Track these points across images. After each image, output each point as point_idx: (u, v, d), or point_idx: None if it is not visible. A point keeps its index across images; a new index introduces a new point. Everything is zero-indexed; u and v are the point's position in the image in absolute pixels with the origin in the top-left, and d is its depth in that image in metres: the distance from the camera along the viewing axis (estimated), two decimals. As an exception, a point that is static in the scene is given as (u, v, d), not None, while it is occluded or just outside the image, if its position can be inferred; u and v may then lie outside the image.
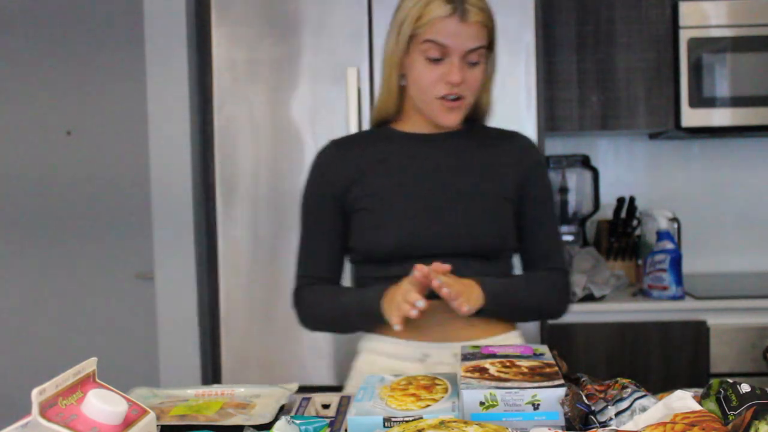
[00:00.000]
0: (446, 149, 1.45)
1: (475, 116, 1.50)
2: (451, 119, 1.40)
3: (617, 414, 0.94)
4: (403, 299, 1.25)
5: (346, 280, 1.54)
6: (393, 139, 1.47)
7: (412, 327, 1.36)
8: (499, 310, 1.38)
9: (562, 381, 0.97)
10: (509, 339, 1.44)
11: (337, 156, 1.48)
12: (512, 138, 1.50)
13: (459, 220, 1.38)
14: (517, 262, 1.53)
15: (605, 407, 0.95)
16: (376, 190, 1.42)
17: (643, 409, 0.92)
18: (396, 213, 1.39)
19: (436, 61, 1.36)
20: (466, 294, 1.28)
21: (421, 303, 1.23)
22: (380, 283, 1.38)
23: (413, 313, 1.23)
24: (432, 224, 1.38)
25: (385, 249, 1.39)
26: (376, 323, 1.39)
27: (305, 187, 1.51)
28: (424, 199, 1.40)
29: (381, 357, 1.43)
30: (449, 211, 1.39)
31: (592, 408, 0.96)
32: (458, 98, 1.38)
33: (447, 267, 1.26)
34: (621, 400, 0.95)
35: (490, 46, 1.42)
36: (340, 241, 1.47)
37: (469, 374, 1.02)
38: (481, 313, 1.34)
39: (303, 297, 1.49)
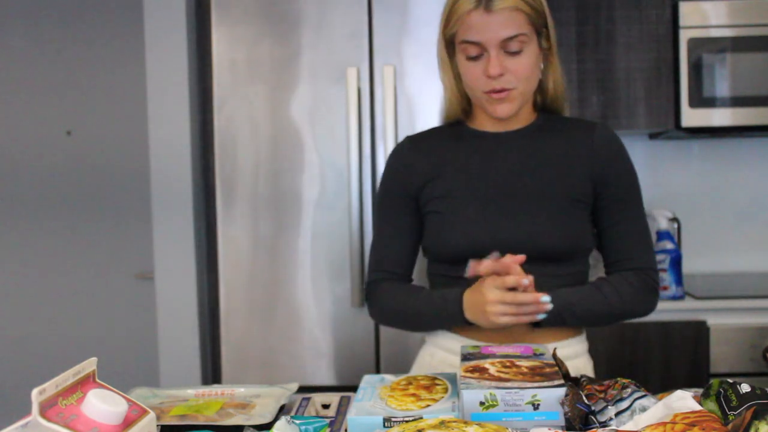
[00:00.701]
0: (517, 149, 1.41)
1: (549, 105, 1.46)
2: (503, 110, 1.36)
3: (617, 414, 0.94)
4: (494, 308, 1.26)
5: (418, 274, 1.54)
6: (464, 137, 1.45)
7: (477, 327, 1.35)
8: (566, 321, 1.35)
9: (562, 381, 0.97)
10: (573, 344, 1.42)
11: (411, 154, 1.47)
12: (589, 130, 1.42)
13: (526, 224, 1.36)
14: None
15: (605, 407, 0.95)
16: (445, 192, 1.41)
17: (643, 409, 0.92)
18: (463, 217, 1.38)
19: (475, 58, 1.34)
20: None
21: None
22: (452, 283, 1.39)
23: (539, 317, 1.26)
24: (499, 228, 1.36)
25: (452, 252, 1.38)
26: (453, 326, 1.39)
27: (381, 183, 1.50)
28: (493, 202, 1.38)
29: (441, 351, 1.44)
30: (517, 214, 1.37)
31: (592, 408, 0.96)
32: (504, 90, 1.34)
33: (521, 257, 1.26)
34: (621, 400, 0.95)
35: (539, 29, 1.37)
36: (413, 237, 1.47)
37: (468, 374, 1.01)
38: (543, 324, 1.33)
39: (375, 292, 1.48)
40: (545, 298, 1.25)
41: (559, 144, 1.41)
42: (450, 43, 1.39)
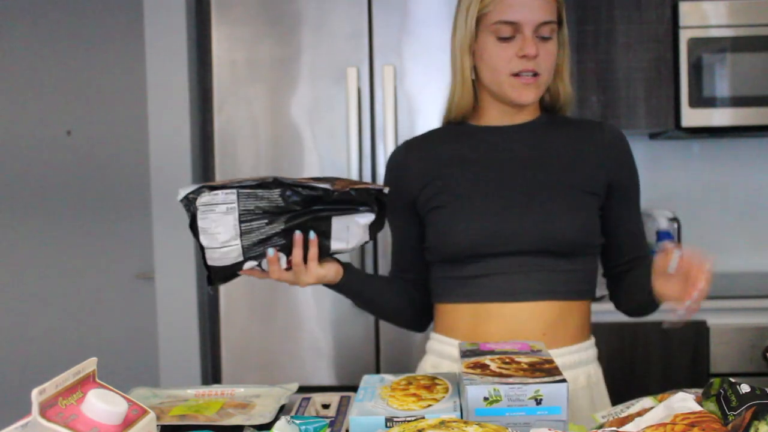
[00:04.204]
0: (524, 141, 1.37)
1: (555, 108, 1.43)
2: (528, 96, 1.32)
3: None
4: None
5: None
6: (467, 134, 1.40)
7: (481, 332, 1.33)
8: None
9: (563, 377, 0.98)
10: (582, 350, 1.37)
11: (407, 158, 1.43)
12: (598, 127, 1.40)
13: (535, 216, 1.31)
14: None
15: None
16: (449, 187, 1.36)
17: None
18: (470, 209, 1.33)
19: (507, 39, 1.30)
20: None
21: (271, 251, 1.23)
22: (457, 285, 1.35)
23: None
24: (507, 221, 1.31)
25: (458, 247, 1.32)
26: (357, 300, 1.43)
27: None
28: (499, 194, 1.33)
29: (446, 360, 1.38)
30: (525, 206, 1.32)
31: None
32: (534, 74, 1.31)
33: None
34: None
35: (559, 24, 1.36)
36: (419, 242, 1.42)
37: (470, 370, 1.02)
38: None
39: None
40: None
41: (567, 137, 1.38)
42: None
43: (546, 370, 1.00)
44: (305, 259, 1.25)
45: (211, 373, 2.45)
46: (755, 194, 2.84)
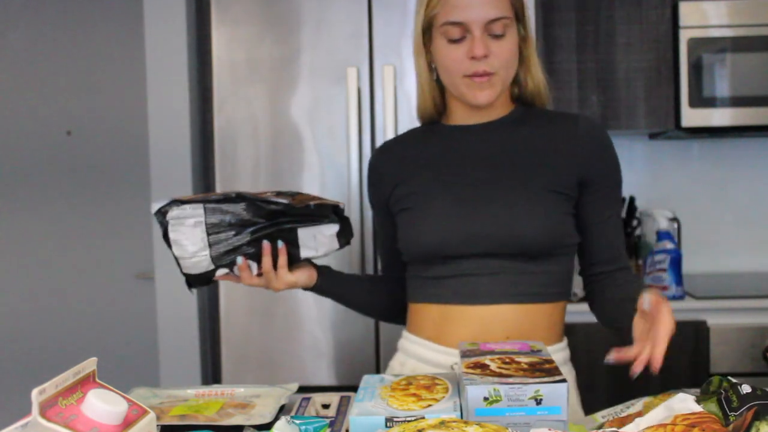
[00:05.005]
0: (492, 139, 1.35)
1: (528, 98, 1.39)
2: (483, 97, 1.30)
3: None
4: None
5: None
6: (438, 134, 1.40)
7: (448, 333, 1.32)
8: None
9: (563, 377, 0.98)
10: (553, 352, 1.33)
11: (382, 159, 1.45)
12: (572, 121, 1.35)
13: (499, 218, 1.28)
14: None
15: None
16: (416, 188, 1.36)
17: None
18: (434, 211, 1.32)
19: (457, 41, 1.28)
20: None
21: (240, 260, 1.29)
22: (426, 285, 1.35)
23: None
24: (470, 223, 1.29)
25: (422, 248, 1.32)
26: (333, 298, 1.47)
27: None
28: (464, 195, 1.32)
29: (412, 359, 1.38)
30: (489, 208, 1.30)
31: None
32: (487, 74, 1.28)
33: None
34: None
35: (520, 16, 1.32)
36: (396, 243, 1.43)
37: (470, 370, 1.02)
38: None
39: None
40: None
41: (538, 134, 1.35)
42: (426, 30, 1.33)
43: (546, 370, 1.00)
44: (275, 266, 1.30)
45: (211, 373, 2.45)
46: (755, 194, 2.84)
